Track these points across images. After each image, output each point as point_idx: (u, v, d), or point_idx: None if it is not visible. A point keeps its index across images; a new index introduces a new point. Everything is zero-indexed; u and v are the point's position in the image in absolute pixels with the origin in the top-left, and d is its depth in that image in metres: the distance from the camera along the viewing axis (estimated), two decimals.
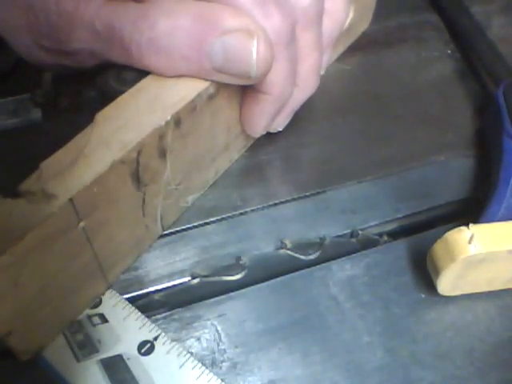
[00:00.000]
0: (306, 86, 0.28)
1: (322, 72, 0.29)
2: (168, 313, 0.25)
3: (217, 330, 0.24)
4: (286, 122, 0.29)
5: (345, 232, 0.28)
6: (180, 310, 0.25)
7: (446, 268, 0.24)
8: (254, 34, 0.22)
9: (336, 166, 0.31)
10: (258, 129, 0.28)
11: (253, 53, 0.22)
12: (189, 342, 0.24)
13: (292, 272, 0.27)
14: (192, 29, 0.23)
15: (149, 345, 0.23)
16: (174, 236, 0.27)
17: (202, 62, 0.23)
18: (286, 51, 0.25)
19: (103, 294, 0.24)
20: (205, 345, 0.24)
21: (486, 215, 0.26)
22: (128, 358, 0.23)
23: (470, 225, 0.24)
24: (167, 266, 0.26)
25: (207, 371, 0.23)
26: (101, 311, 0.24)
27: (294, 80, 0.26)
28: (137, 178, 0.22)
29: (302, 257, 0.28)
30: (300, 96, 0.28)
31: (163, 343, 0.23)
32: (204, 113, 0.25)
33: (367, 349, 0.24)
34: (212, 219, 0.28)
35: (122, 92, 0.23)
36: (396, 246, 0.28)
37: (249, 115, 0.27)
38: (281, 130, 0.30)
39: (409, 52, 0.38)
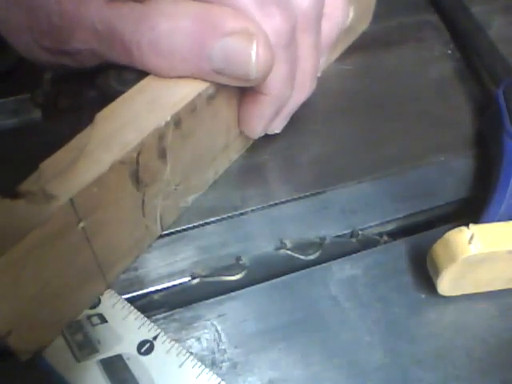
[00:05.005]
0: (303, 89, 0.28)
1: (319, 74, 0.29)
2: (168, 313, 0.25)
3: (217, 330, 0.24)
4: (284, 124, 0.29)
5: (345, 232, 0.28)
6: (180, 310, 0.25)
7: (446, 268, 0.24)
8: (254, 37, 0.22)
9: (336, 166, 0.31)
10: (257, 130, 0.28)
11: (252, 56, 0.22)
12: (189, 342, 0.24)
13: (292, 272, 0.27)
14: (192, 31, 0.23)
15: (148, 344, 0.23)
16: (173, 236, 0.27)
17: (202, 63, 0.23)
18: (286, 53, 0.25)
19: (102, 294, 0.24)
20: (205, 345, 0.24)
21: (486, 215, 0.26)
22: (128, 358, 0.23)
23: (470, 225, 0.24)
24: (167, 266, 0.26)
25: (207, 370, 0.23)
26: (100, 311, 0.24)
27: (293, 82, 0.26)
28: (137, 179, 0.22)
29: (302, 257, 0.28)
30: (297, 98, 0.28)
31: (162, 342, 0.23)
32: (204, 113, 0.25)
33: (367, 349, 0.24)
34: (212, 219, 0.28)
35: (122, 92, 0.23)
36: (396, 246, 0.28)
37: (247, 116, 0.27)
38: (278, 132, 0.30)
39: (409, 52, 0.38)
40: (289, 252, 0.27)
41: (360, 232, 0.28)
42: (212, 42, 0.22)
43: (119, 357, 0.23)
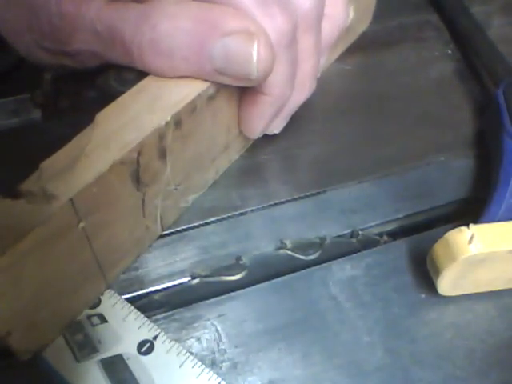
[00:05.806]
0: (303, 89, 0.28)
1: (319, 74, 0.29)
2: (168, 313, 0.25)
3: (217, 330, 0.24)
4: (283, 124, 0.29)
5: (345, 232, 0.28)
6: (180, 310, 0.25)
7: (446, 268, 0.24)
8: (255, 37, 0.22)
9: (336, 166, 0.31)
10: (257, 130, 0.28)
11: (253, 55, 0.22)
12: (189, 342, 0.24)
13: (292, 272, 0.27)
14: (193, 30, 0.23)
15: (148, 344, 0.23)
16: (173, 236, 0.27)
17: (203, 63, 0.23)
18: (287, 53, 0.25)
19: (102, 294, 0.24)
20: (205, 345, 0.24)
21: (486, 215, 0.26)
22: (128, 358, 0.23)
23: (470, 225, 0.24)
24: (167, 266, 0.26)
25: (207, 370, 0.23)
26: (100, 311, 0.24)
27: (294, 82, 0.26)
28: (137, 179, 0.22)
29: (302, 257, 0.28)
30: (297, 98, 0.28)
31: (163, 342, 0.23)
32: (204, 113, 0.25)
33: (367, 349, 0.24)
34: (212, 219, 0.28)
35: (122, 92, 0.23)
36: (396, 245, 0.28)
37: (247, 116, 0.27)
38: (277, 132, 0.30)
39: (409, 52, 0.38)
40: (289, 252, 0.27)
41: (360, 232, 0.28)
42: (213, 41, 0.22)
43: (119, 357, 0.23)
